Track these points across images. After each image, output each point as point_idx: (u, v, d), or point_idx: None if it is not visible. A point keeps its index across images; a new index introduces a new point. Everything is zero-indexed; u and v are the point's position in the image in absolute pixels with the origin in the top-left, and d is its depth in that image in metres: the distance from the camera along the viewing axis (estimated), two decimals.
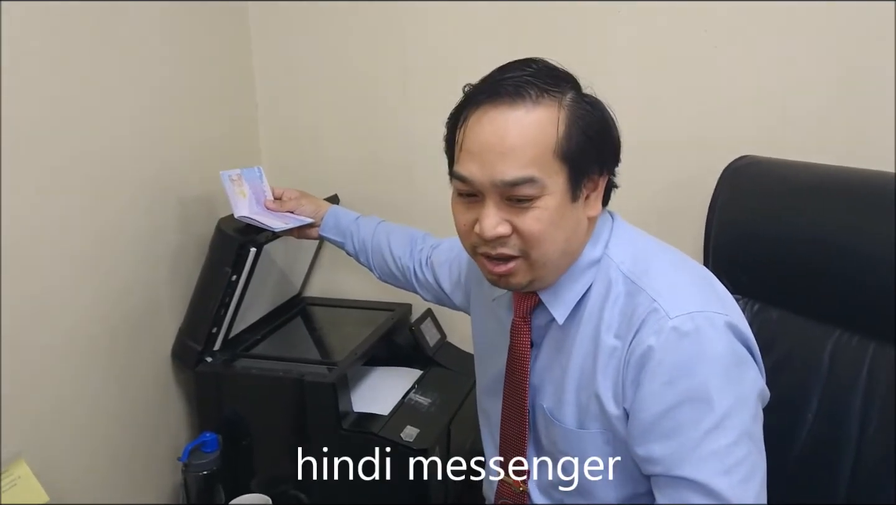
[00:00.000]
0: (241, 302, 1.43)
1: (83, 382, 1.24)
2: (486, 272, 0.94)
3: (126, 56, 1.29)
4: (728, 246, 1.23)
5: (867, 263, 1.04)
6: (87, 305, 1.23)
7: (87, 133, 1.21)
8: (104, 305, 1.27)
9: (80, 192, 1.21)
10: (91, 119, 1.22)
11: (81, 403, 1.24)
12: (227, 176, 1.35)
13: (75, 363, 1.22)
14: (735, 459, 0.83)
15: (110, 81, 1.26)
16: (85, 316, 1.23)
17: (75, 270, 1.21)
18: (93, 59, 1.22)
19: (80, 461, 1.24)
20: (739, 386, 0.86)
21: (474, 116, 0.88)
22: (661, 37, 1.45)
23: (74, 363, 1.22)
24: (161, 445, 1.43)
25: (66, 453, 1.20)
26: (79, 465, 1.23)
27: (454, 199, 0.94)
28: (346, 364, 1.42)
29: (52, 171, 1.14)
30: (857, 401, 1.04)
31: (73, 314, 1.20)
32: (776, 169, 1.23)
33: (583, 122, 0.88)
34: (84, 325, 1.23)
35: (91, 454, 1.26)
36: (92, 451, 1.27)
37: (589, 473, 0.95)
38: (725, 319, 0.87)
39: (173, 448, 1.43)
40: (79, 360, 1.23)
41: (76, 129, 1.19)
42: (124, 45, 1.29)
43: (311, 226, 1.43)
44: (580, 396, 0.95)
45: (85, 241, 1.22)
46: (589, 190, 0.92)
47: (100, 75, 1.23)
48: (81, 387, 1.23)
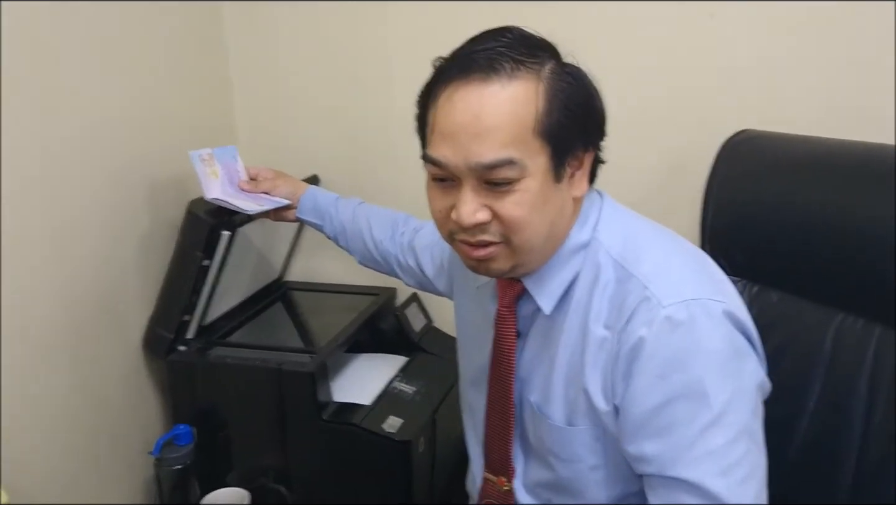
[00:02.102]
0: (216, 288, 1.39)
1: (48, 374, 1.19)
2: (465, 257, 0.88)
3: (90, 30, 1.23)
4: (726, 225, 1.18)
5: (872, 242, 0.99)
6: (51, 295, 1.18)
7: (47, 112, 1.15)
8: (69, 293, 1.22)
9: (41, 176, 1.15)
10: (51, 97, 1.16)
11: (46, 397, 1.19)
12: (198, 155, 1.29)
13: (40, 355, 1.17)
14: (733, 458, 0.78)
15: (71, 57, 1.20)
16: (49, 306, 1.18)
17: (37, 257, 1.15)
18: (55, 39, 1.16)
19: (45, 459, 1.19)
20: (738, 379, 0.81)
21: (445, 94, 0.82)
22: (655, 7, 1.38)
23: (39, 355, 1.17)
24: (132, 439, 1.39)
25: (30, 451, 1.15)
26: (44, 462, 1.19)
27: (428, 184, 0.88)
28: (327, 352, 1.38)
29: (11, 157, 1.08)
30: (862, 388, 1.00)
31: (36, 304, 1.15)
32: (777, 144, 1.17)
33: (564, 96, 0.82)
34: (48, 315, 1.18)
35: (57, 451, 1.22)
36: (58, 447, 1.22)
37: (578, 472, 0.90)
38: (722, 307, 0.82)
39: (145, 442, 1.37)
40: (43, 351, 1.18)
41: (35, 108, 1.13)
42: (87, 20, 1.23)
43: (288, 208, 1.37)
44: (568, 391, 0.90)
45: (48, 228, 1.17)
46: (574, 168, 0.86)
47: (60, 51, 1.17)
48: (46, 380, 1.19)
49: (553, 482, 0.94)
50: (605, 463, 0.89)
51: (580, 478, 0.91)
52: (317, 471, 1.33)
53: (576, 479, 0.91)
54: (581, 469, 0.90)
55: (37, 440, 1.17)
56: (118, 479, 1.36)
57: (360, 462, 1.30)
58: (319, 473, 1.33)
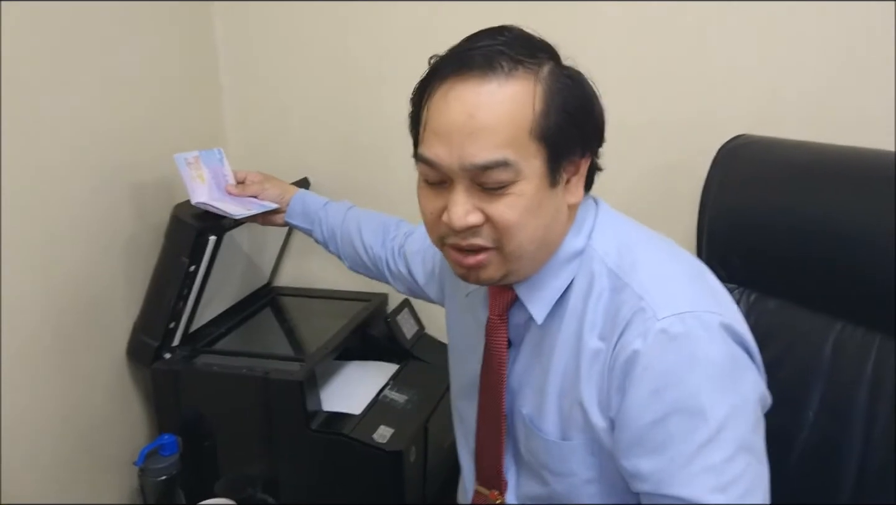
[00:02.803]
0: (202, 294, 1.36)
1: (29, 382, 1.16)
2: (455, 264, 0.86)
3: (77, 32, 1.21)
4: (723, 232, 1.16)
5: (871, 249, 0.97)
6: (32, 301, 1.16)
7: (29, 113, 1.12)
8: (52, 300, 1.19)
9: (23, 178, 1.12)
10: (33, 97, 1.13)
11: (28, 405, 1.16)
12: (183, 159, 1.26)
13: (20, 363, 1.14)
14: (731, 475, 0.76)
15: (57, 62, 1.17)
16: (31, 312, 1.16)
17: (19, 262, 1.12)
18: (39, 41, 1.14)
19: (26, 469, 1.16)
20: (735, 394, 0.78)
21: (440, 92, 0.80)
22: (652, 7, 1.37)
23: (19, 363, 1.14)
24: (116, 448, 1.36)
25: (10, 461, 1.12)
26: (25, 473, 1.16)
27: (420, 186, 0.86)
28: (316, 359, 1.35)
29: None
30: (862, 397, 0.99)
31: (17, 310, 1.13)
32: (775, 149, 1.16)
33: (562, 98, 0.80)
34: (30, 322, 1.15)
35: (39, 460, 1.19)
36: (40, 456, 1.19)
37: (572, 487, 0.88)
38: (719, 319, 0.80)
39: (129, 452, 1.34)
40: (25, 360, 1.15)
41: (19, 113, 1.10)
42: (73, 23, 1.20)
43: (277, 212, 1.35)
44: (562, 404, 0.88)
45: (30, 232, 1.14)
46: (570, 174, 0.84)
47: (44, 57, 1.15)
48: (27, 388, 1.16)
49: (546, 496, 0.92)
50: (600, 477, 0.87)
51: (574, 492, 0.89)
52: (305, 481, 1.31)
53: (570, 493, 0.89)
54: (575, 483, 0.88)
55: (19, 449, 1.14)
56: (102, 489, 1.33)
57: (350, 473, 1.27)
58: (308, 484, 1.31)
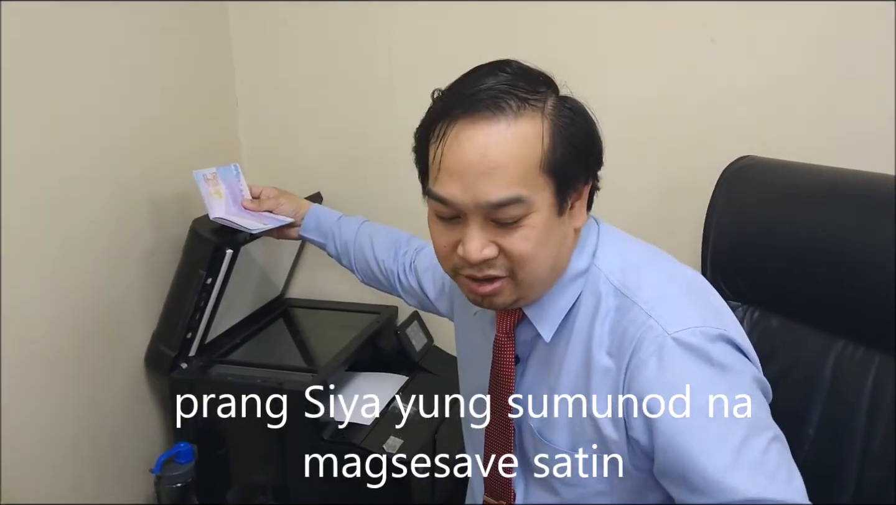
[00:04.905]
0: (218, 305, 1.38)
1: (51, 390, 1.19)
2: (469, 292, 0.88)
3: (97, 50, 1.24)
4: (727, 251, 1.18)
5: (873, 269, 0.99)
6: (55, 311, 1.18)
7: (53, 129, 1.15)
8: (73, 309, 1.22)
9: (47, 193, 1.15)
10: (57, 114, 1.16)
11: (49, 412, 1.19)
12: (202, 175, 1.29)
13: (42, 370, 1.17)
14: (772, 462, 0.78)
15: (79, 75, 1.20)
16: (53, 321, 1.18)
17: (42, 273, 1.15)
18: (62, 53, 1.16)
19: (45, 473, 1.18)
20: (748, 387, 0.82)
21: (452, 133, 0.81)
22: (656, 30, 1.39)
23: (41, 370, 1.16)
24: (133, 455, 1.38)
25: (32, 466, 1.15)
26: (44, 477, 1.18)
27: (431, 220, 0.87)
28: (328, 371, 1.38)
29: (16, 171, 1.08)
30: (861, 416, 1.00)
31: (40, 320, 1.15)
32: (778, 170, 1.17)
33: (567, 132, 0.82)
34: (52, 330, 1.18)
35: (58, 466, 1.21)
36: (58, 462, 1.21)
37: (583, 498, 0.90)
38: (723, 334, 0.82)
39: (146, 459, 1.37)
40: (47, 367, 1.17)
41: (41, 126, 1.13)
42: (95, 39, 1.23)
43: (291, 226, 1.38)
44: (574, 417, 0.90)
45: (53, 244, 1.17)
46: (573, 200, 0.87)
47: (67, 70, 1.18)
48: (49, 395, 1.18)
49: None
50: (611, 489, 0.89)
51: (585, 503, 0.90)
52: (316, 491, 1.32)
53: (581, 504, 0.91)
54: (586, 495, 0.90)
55: (37, 454, 1.17)
56: (118, 495, 1.35)
57: (360, 482, 1.28)
58: (319, 493, 1.32)
